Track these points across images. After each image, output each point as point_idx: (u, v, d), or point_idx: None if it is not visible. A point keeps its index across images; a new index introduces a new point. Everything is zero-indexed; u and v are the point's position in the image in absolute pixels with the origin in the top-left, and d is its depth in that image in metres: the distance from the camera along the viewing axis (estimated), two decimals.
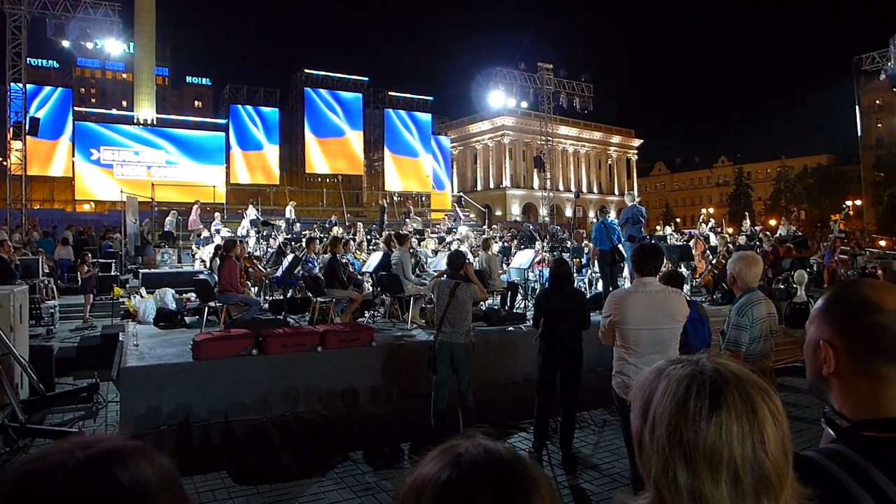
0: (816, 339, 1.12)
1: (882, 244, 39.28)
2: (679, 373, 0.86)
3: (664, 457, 0.81)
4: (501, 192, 59.70)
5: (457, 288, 5.80)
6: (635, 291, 3.97)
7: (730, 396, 0.80)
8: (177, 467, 0.67)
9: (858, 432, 1.03)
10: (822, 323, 1.12)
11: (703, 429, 0.79)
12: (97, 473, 0.59)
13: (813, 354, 1.13)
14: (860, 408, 1.06)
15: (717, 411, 0.79)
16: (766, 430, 0.79)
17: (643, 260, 4.01)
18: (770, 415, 0.80)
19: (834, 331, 1.10)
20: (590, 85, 32.51)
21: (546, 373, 5.53)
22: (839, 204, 47.59)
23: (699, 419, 0.79)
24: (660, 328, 3.87)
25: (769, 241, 15.25)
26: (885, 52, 23.31)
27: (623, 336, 3.92)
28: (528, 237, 18.41)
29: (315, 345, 7.23)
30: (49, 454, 0.61)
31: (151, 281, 12.75)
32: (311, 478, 5.08)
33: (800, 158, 70.68)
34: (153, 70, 35.62)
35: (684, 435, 0.79)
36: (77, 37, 20.29)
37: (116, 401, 6.88)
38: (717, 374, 0.83)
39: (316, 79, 36.64)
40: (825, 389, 1.12)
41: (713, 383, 0.82)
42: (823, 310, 1.14)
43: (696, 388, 0.82)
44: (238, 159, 32.26)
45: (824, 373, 1.10)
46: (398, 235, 10.31)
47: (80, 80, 69.82)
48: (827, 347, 1.09)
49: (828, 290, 1.19)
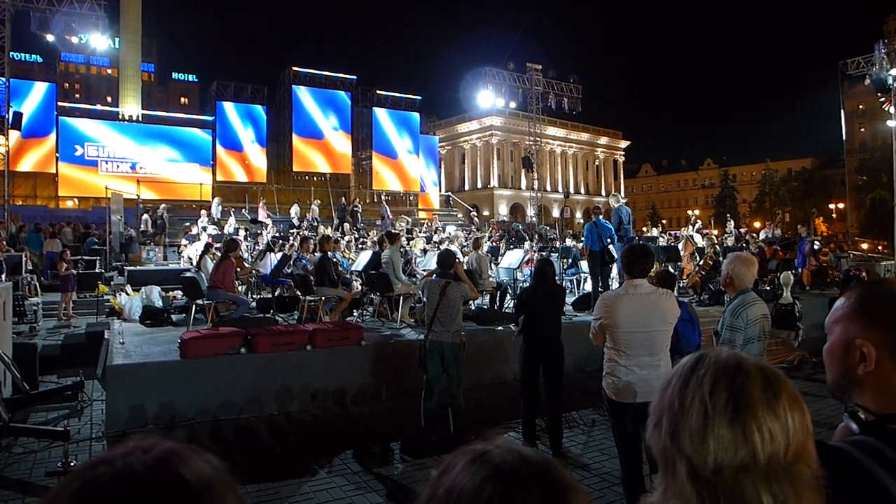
0: (849, 339, 1.11)
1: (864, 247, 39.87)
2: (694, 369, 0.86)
3: (668, 452, 0.83)
4: (489, 192, 59.75)
5: (447, 287, 5.78)
6: (625, 294, 3.93)
7: (753, 387, 0.82)
8: None
9: (885, 426, 1.04)
10: (854, 322, 1.12)
11: (696, 424, 0.81)
12: (166, 475, 0.59)
13: (843, 354, 1.12)
14: (891, 403, 1.07)
15: (736, 406, 0.80)
16: (790, 414, 0.81)
17: (633, 261, 3.99)
18: (788, 399, 0.82)
19: (871, 329, 1.09)
20: (578, 86, 32.61)
21: (529, 371, 5.52)
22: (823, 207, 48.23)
23: (692, 416, 0.82)
24: (651, 330, 3.85)
25: (755, 242, 15.39)
26: (870, 57, 23.59)
27: (614, 338, 3.90)
28: (517, 237, 18.43)
29: (304, 343, 7.18)
30: (110, 460, 0.60)
31: (137, 278, 12.61)
32: (301, 477, 5.04)
33: (784, 161, 71.45)
34: (139, 66, 35.22)
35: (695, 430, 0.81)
36: (62, 31, 19.97)
37: (101, 399, 6.80)
38: (729, 366, 0.85)
39: (304, 77, 36.41)
40: (852, 388, 1.12)
41: (730, 377, 0.83)
42: (855, 308, 1.13)
43: (709, 380, 0.83)
44: (225, 157, 31.98)
45: (860, 372, 1.09)
46: (389, 234, 10.28)
47: (65, 76, 69.02)
48: (867, 345, 1.08)
49: (850, 291, 1.19)
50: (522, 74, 31.83)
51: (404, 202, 36.56)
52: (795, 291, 12.57)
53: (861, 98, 52.36)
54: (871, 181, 52.00)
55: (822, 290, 14.50)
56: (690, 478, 0.80)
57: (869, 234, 47.19)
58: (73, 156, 28.23)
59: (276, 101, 38.19)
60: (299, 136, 34.30)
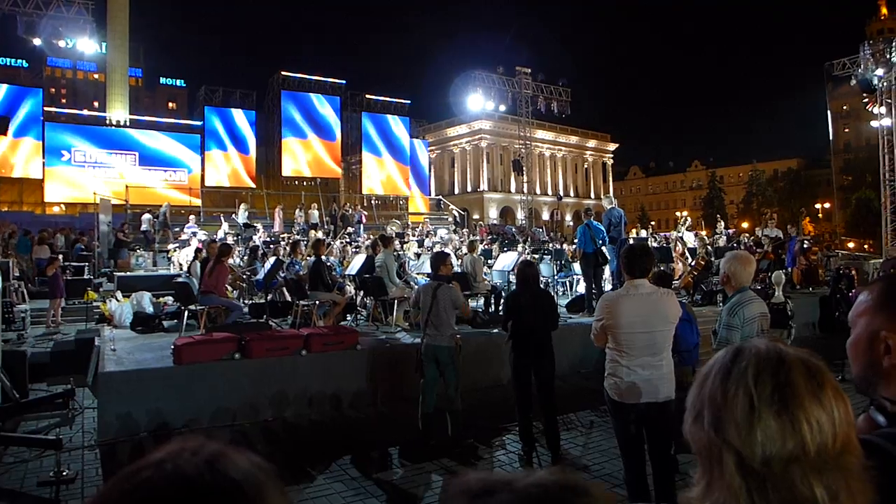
0: (874, 332, 1.12)
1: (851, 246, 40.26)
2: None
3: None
4: (479, 196, 59.78)
5: (438, 290, 5.76)
6: (626, 294, 3.90)
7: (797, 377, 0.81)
8: None
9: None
10: (878, 315, 1.12)
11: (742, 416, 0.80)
12: (216, 476, 0.60)
13: (868, 347, 1.13)
14: None
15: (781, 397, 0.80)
16: (832, 405, 0.80)
17: (633, 261, 3.95)
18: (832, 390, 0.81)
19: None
20: (567, 89, 32.78)
21: (520, 375, 5.47)
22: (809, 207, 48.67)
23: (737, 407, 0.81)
24: (653, 331, 3.82)
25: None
26: (856, 58, 23.84)
27: (616, 339, 3.87)
28: (510, 240, 18.43)
29: (299, 348, 7.12)
30: (158, 462, 0.60)
31: (127, 284, 12.47)
32: (298, 484, 4.97)
33: (771, 162, 72.07)
34: (126, 70, 34.91)
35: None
36: (49, 35, 19.83)
37: (92, 407, 6.70)
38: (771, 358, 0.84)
39: (293, 81, 36.29)
40: (878, 381, 1.12)
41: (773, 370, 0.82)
42: (879, 301, 1.13)
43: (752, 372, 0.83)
44: (213, 162, 31.81)
45: (886, 364, 1.09)
46: (383, 238, 10.24)
47: (51, 80, 68.44)
48: (892, 337, 1.09)
49: (872, 284, 1.20)
50: (512, 78, 31.94)
51: (394, 206, 36.48)
52: (786, 290, 12.65)
53: (846, 99, 52.93)
54: (857, 181, 52.55)
55: (812, 288, 14.61)
56: (739, 470, 0.78)
57: (855, 233, 47.63)
58: (60, 161, 27.95)
59: (264, 106, 38.02)
60: (288, 141, 34.19)
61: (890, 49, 22.55)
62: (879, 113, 23.52)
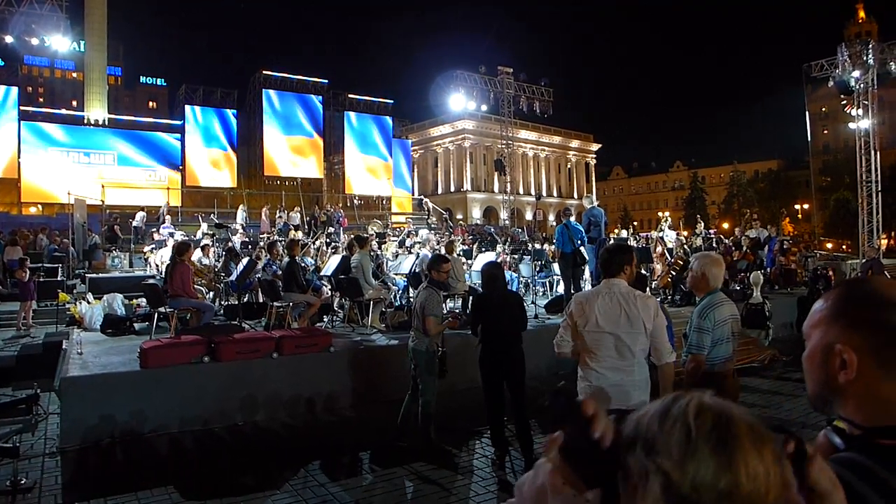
0: (828, 344, 1.00)
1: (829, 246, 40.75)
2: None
3: None
4: (462, 196, 59.74)
5: (419, 293, 5.71)
6: (600, 293, 3.74)
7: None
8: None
9: (873, 440, 0.93)
10: (834, 325, 1.01)
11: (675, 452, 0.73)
12: None
13: (823, 361, 1.01)
14: (878, 415, 0.96)
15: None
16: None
17: (609, 259, 3.82)
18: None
19: (853, 333, 0.98)
20: (549, 89, 32.83)
21: (489, 377, 5.38)
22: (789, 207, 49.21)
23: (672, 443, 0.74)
24: (622, 332, 3.64)
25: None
26: (834, 60, 24.09)
27: (584, 339, 3.72)
28: (489, 240, 18.37)
29: (270, 351, 6.99)
30: None
31: (99, 286, 12.23)
32: (264, 490, 4.85)
33: (751, 163, 72.84)
34: (105, 69, 34.40)
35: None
36: (21, 32, 19.45)
37: (58, 413, 6.52)
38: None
39: (274, 80, 36.00)
40: (835, 399, 1.01)
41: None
42: (834, 311, 1.02)
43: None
44: (194, 161, 31.46)
45: (841, 380, 0.98)
46: (358, 238, 10.11)
47: (28, 79, 67.23)
48: (847, 351, 0.97)
49: (829, 292, 1.07)
50: (494, 78, 31.92)
51: (377, 206, 36.31)
52: (765, 291, 12.71)
53: (824, 101, 53.62)
54: (835, 182, 53.23)
55: (791, 289, 14.70)
56: (665, 492, 0.71)
57: (833, 234, 48.24)
58: (36, 161, 27.47)
59: (246, 105, 37.69)
60: (270, 140, 33.92)
61: (866, 51, 22.81)
62: (857, 115, 23.78)
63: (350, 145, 35.75)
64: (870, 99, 23.38)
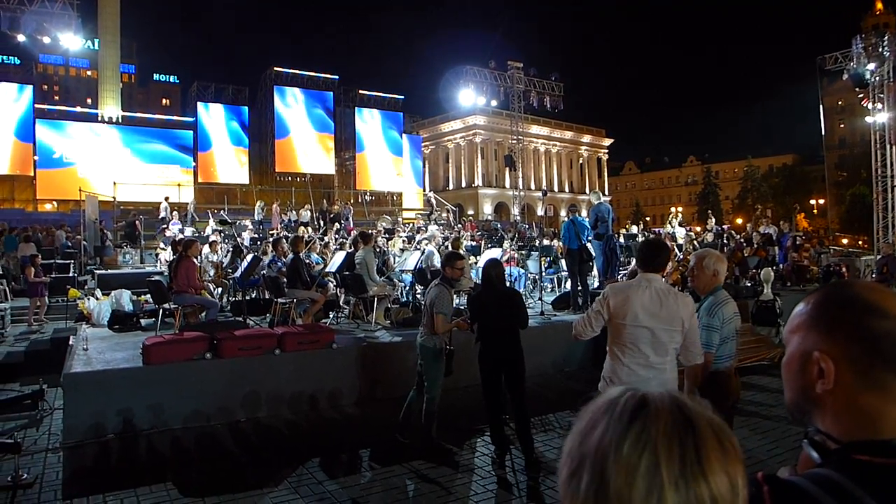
0: (806, 351, 0.95)
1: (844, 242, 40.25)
2: (625, 407, 0.70)
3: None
4: (473, 192, 59.65)
5: (433, 289, 5.72)
6: (639, 286, 3.58)
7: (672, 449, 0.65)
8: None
9: (849, 455, 0.87)
10: (813, 332, 0.95)
11: (639, 484, 0.64)
12: None
13: (800, 369, 0.96)
14: (856, 428, 0.90)
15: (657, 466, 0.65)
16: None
17: (649, 255, 3.72)
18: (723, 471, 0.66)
19: (832, 340, 0.93)
20: (560, 84, 32.60)
21: (487, 375, 5.34)
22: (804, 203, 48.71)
23: (636, 472, 0.65)
24: (660, 328, 3.52)
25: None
26: (848, 52, 23.70)
27: (619, 333, 3.57)
28: (496, 236, 18.31)
29: (273, 347, 6.98)
30: None
31: (108, 282, 12.33)
32: (263, 488, 4.85)
33: (766, 158, 72.11)
34: (118, 67, 34.67)
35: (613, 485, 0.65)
36: (33, 31, 19.58)
37: (63, 408, 6.56)
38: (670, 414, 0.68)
39: (286, 77, 36.10)
40: (812, 409, 0.96)
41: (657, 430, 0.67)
42: (814, 316, 0.96)
43: (638, 438, 0.67)
44: (206, 158, 31.65)
45: (818, 389, 0.93)
46: (363, 234, 10.08)
47: (43, 77, 67.90)
48: (825, 359, 0.92)
49: (809, 295, 1.01)
50: (504, 73, 31.77)
51: (387, 202, 36.32)
52: (777, 287, 12.56)
53: (840, 94, 52.92)
54: (851, 177, 52.53)
55: (803, 286, 14.52)
56: None
57: (849, 229, 47.63)
58: (52, 158, 27.77)
59: (257, 102, 37.84)
60: (281, 137, 34.05)
61: (882, 43, 22.41)
62: (873, 108, 23.39)
63: (361, 141, 35.77)
64: (886, 92, 22.97)
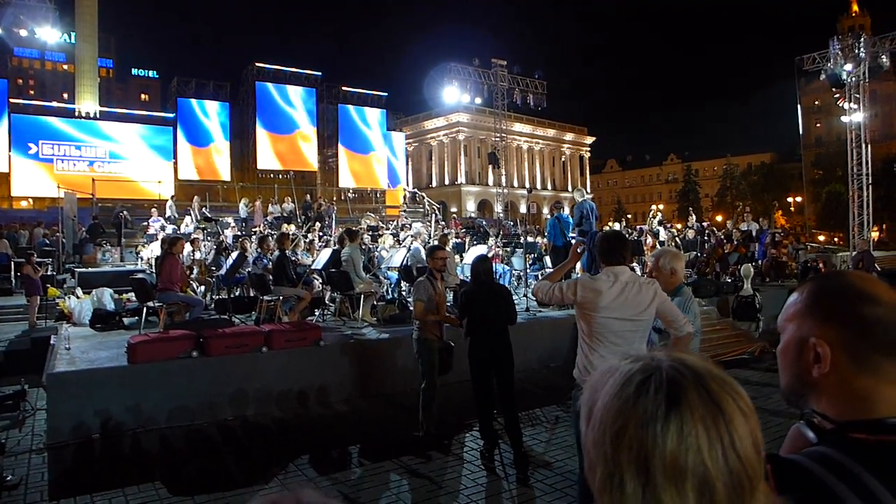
0: (802, 338, 0.99)
1: (821, 239, 40.93)
2: (629, 368, 0.74)
3: (608, 464, 0.69)
4: (457, 189, 59.72)
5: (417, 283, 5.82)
6: (606, 279, 3.61)
7: (691, 394, 0.68)
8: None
9: (846, 434, 0.92)
10: (808, 319, 1.00)
11: (659, 433, 0.66)
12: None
13: (797, 355, 1.00)
14: (851, 409, 0.95)
15: (676, 411, 0.67)
16: (737, 429, 0.67)
17: (609, 248, 3.72)
18: (739, 411, 0.68)
19: (827, 326, 0.97)
20: (543, 82, 32.69)
21: (477, 371, 5.37)
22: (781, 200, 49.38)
23: (655, 421, 0.67)
24: (629, 318, 3.55)
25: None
26: (825, 53, 24.07)
27: (589, 324, 3.60)
28: (481, 233, 18.35)
29: (259, 345, 6.96)
30: None
31: (89, 280, 12.16)
32: (252, 486, 4.84)
33: (745, 156, 73.05)
34: (96, 61, 34.06)
35: (634, 439, 0.67)
36: (10, 24, 19.23)
37: (46, 408, 6.48)
38: (675, 369, 0.71)
39: (267, 73, 35.74)
40: (808, 393, 1.00)
41: (671, 380, 0.69)
42: (808, 304, 1.01)
43: (652, 384, 0.69)
44: (186, 155, 31.21)
45: (815, 374, 0.97)
46: (349, 232, 10.06)
47: (17, 71, 66.74)
48: (821, 344, 0.96)
49: (803, 285, 1.06)
50: (487, 70, 31.78)
51: (370, 199, 36.20)
52: (756, 283, 12.75)
53: (817, 94, 53.77)
54: (827, 175, 53.37)
55: (782, 281, 14.75)
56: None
57: (825, 226, 48.44)
58: (27, 154, 27.22)
59: (239, 98, 37.43)
60: (263, 133, 33.73)
61: (858, 44, 22.80)
62: (849, 108, 23.79)
63: (344, 138, 35.59)
64: (861, 92, 23.39)
